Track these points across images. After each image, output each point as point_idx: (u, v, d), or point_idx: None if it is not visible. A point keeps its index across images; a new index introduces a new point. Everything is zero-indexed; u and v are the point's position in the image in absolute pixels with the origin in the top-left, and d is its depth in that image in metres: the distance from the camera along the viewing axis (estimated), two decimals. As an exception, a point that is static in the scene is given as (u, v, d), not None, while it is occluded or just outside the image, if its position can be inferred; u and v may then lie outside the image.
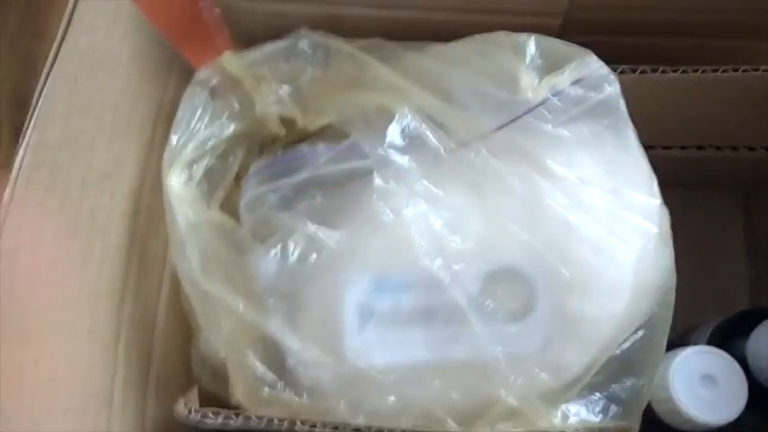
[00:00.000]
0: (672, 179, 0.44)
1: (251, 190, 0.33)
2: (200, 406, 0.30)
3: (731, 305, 0.43)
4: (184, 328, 0.34)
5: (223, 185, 0.35)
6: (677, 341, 0.38)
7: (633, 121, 0.32)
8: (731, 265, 0.49)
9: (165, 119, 0.35)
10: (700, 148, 0.41)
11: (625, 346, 0.30)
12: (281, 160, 0.33)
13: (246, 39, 0.36)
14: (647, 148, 0.41)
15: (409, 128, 0.30)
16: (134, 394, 0.31)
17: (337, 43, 0.33)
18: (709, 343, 0.39)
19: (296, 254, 0.30)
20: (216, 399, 0.33)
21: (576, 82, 0.28)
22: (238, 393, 0.30)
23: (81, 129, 0.31)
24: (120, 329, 0.31)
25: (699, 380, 0.33)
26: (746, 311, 0.39)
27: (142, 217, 0.34)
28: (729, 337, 0.38)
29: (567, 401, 0.30)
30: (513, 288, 0.29)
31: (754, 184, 0.48)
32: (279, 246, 0.30)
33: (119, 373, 0.31)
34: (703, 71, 0.34)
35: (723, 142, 0.41)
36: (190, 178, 0.33)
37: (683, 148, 0.41)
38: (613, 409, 0.30)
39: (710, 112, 0.37)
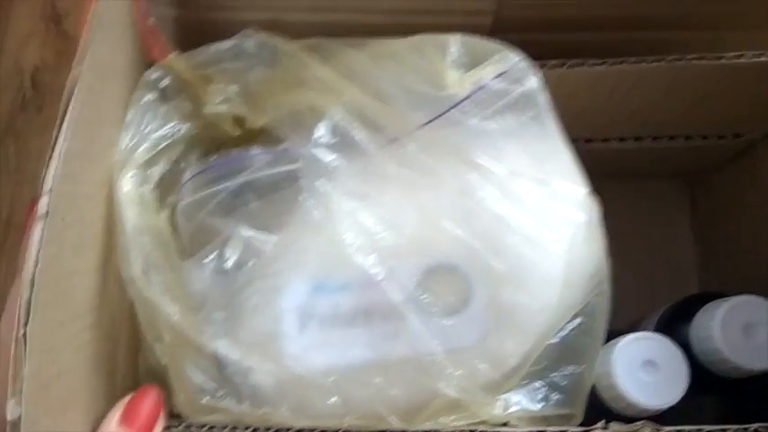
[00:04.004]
0: (616, 171, 0.46)
1: (187, 196, 0.33)
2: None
3: (682, 292, 0.44)
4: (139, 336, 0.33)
5: (175, 190, 0.34)
6: (630, 329, 0.39)
7: (567, 114, 0.32)
8: (680, 252, 0.50)
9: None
10: (637, 139, 0.42)
11: (563, 334, 0.31)
12: (216, 165, 0.32)
13: (189, 47, 0.36)
14: (586, 141, 0.43)
15: (339, 127, 0.30)
16: (103, 405, 0.30)
17: (282, 43, 0.34)
18: (657, 329, 0.40)
19: (232, 260, 0.30)
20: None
21: (499, 76, 0.29)
22: (179, 402, 0.30)
23: (93, 139, 0.30)
24: (99, 345, 0.30)
25: (640, 365, 0.33)
26: (690, 297, 0.40)
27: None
28: (675, 323, 0.39)
29: (507, 391, 0.30)
30: (450, 282, 0.30)
31: (697, 172, 0.49)
32: (215, 253, 0.30)
33: (100, 391, 0.30)
34: (630, 63, 0.34)
35: (660, 132, 0.42)
36: (144, 181, 0.32)
37: (621, 139, 0.42)
38: (554, 396, 0.31)
39: (643, 103, 0.38)
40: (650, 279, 0.49)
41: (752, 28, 0.37)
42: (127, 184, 0.32)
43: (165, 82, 0.35)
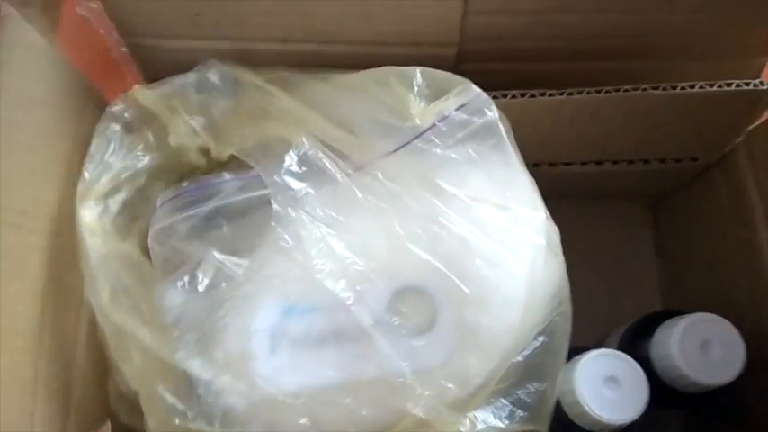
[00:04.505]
0: (580, 193, 0.47)
1: (159, 222, 0.33)
2: (118, 440, 0.30)
3: (645, 309, 0.46)
4: (103, 361, 0.34)
5: (143, 217, 0.35)
6: (596, 346, 0.40)
7: (531, 141, 0.34)
8: (644, 270, 0.52)
9: (81, 154, 0.35)
10: (599, 163, 0.44)
11: (526, 352, 0.32)
12: (188, 191, 0.33)
13: (159, 75, 0.37)
14: (549, 164, 0.44)
15: (306, 156, 0.31)
16: (54, 430, 0.31)
17: (244, 74, 0.35)
18: (620, 345, 0.41)
19: (204, 283, 0.31)
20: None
21: (460, 108, 0.30)
22: (151, 425, 0.30)
23: (10, 169, 0.31)
24: (38, 366, 0.31)
25: (602, 381, 0.34)
26: (651, 314, 0.42)
27: (59, 253, 0.33)
28: (637, 340, 0.40)
29: (474, 409, 0.31)
30: (417, 304, 0.31)
31: (658, 194, 0.51)
32: (187, 276, 0.31)
33: (38, 410, 0.30)
34: (588, 93, 0.36)
35: (619, 157, 0.43)
36: (105, 211, 0.33)
37: (582, 163, 0.44)
38: (519, 413, 0.31)
39: (602, 131, 0.40)
40: (615, 296, 0.50)
41: (701, 59, 0.39)
42: (87, 215, 0.32)
43: (130, 113, 0.35)
